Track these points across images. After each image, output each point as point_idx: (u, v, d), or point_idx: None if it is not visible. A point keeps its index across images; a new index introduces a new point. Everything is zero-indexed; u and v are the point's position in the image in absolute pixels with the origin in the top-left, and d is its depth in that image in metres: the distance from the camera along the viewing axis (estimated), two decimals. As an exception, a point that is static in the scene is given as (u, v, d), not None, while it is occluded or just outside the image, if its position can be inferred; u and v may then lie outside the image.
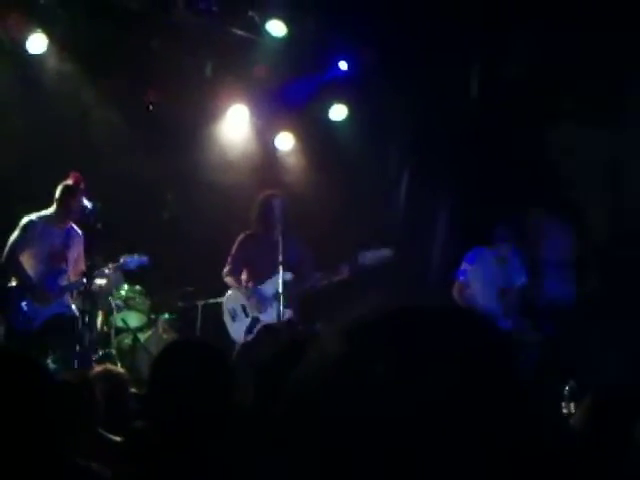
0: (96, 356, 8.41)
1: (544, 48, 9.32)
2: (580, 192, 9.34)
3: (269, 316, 7.78)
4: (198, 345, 3.35)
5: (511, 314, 8.58)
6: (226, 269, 8.08)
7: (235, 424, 2.91)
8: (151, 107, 9.69)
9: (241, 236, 8.15)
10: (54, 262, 7.65)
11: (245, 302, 7.96)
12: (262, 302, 7.87)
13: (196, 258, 9.50)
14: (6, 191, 8.78)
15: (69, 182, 7.67)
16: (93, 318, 9.05)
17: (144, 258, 8.11)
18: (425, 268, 10.68)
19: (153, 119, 9.97)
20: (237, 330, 7.93)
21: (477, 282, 8.75)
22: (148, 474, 2.91)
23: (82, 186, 7.65)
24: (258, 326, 7.85)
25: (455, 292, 8.78)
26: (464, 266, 8.85)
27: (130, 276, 9.27)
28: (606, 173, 9.21)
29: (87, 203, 7.64)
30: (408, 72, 10.20)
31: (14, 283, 7.54)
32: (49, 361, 7.59)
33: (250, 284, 8.01)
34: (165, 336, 9.34)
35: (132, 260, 8.08)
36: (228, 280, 8.11)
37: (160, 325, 9.69)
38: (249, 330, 7.85)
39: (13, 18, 8.90)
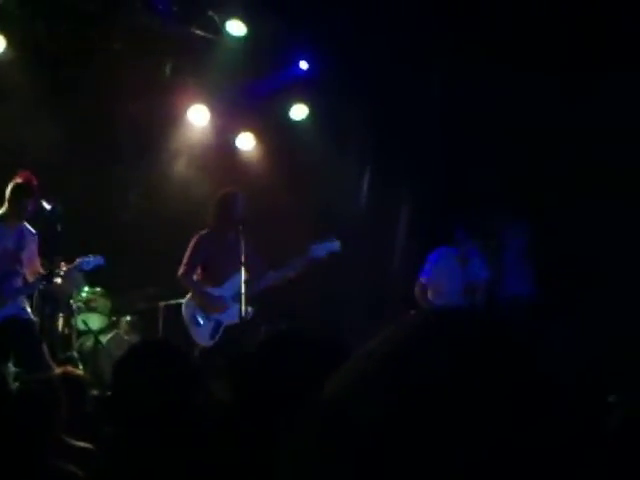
0: (58, 359, 8.33)
1: (509, 51, 9.35)
2: (539, 191, 9.42)
3: (230, 317, 7.59)
4: (160, 346, 3.34)
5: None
6: (181, 271, 7.84)
7: (201, 424, 2.92)
8: None
9: (196, 237, 7.93)
10: (8, 264, 7.44)
11: (205, 305, 7.77)
12: (222, 303, 7.71)
13: (157, 259, 9.43)
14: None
15: (20, 181, 7.44)
16: (54, 320, 8.98)
17: (99, 258, 7.90)
18: (386, 267, 10.73)
19: (113, 120, 9.90)
20: (201, 334, 7.73)
21: (441, 279, 8.84)
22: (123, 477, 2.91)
23: (35, 184, 7.45)
24: (221, 328, 7.69)
25: (418, 291, 8.88)
26: (427, 265, 8.93)
27: (91, 278, 9.20)
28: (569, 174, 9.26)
29: (47, 205, 7.53)
30: (369, 71, 10.23)
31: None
32: (10, 364, 7.51)
33: (208, 286, 7.83)
34: (127, 338, 9.32)
35: (88, 261, 7.87)
36: (185, 283, 7.90)
37: (122, 327, 9.66)
38: (213, 333, 7.70)
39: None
